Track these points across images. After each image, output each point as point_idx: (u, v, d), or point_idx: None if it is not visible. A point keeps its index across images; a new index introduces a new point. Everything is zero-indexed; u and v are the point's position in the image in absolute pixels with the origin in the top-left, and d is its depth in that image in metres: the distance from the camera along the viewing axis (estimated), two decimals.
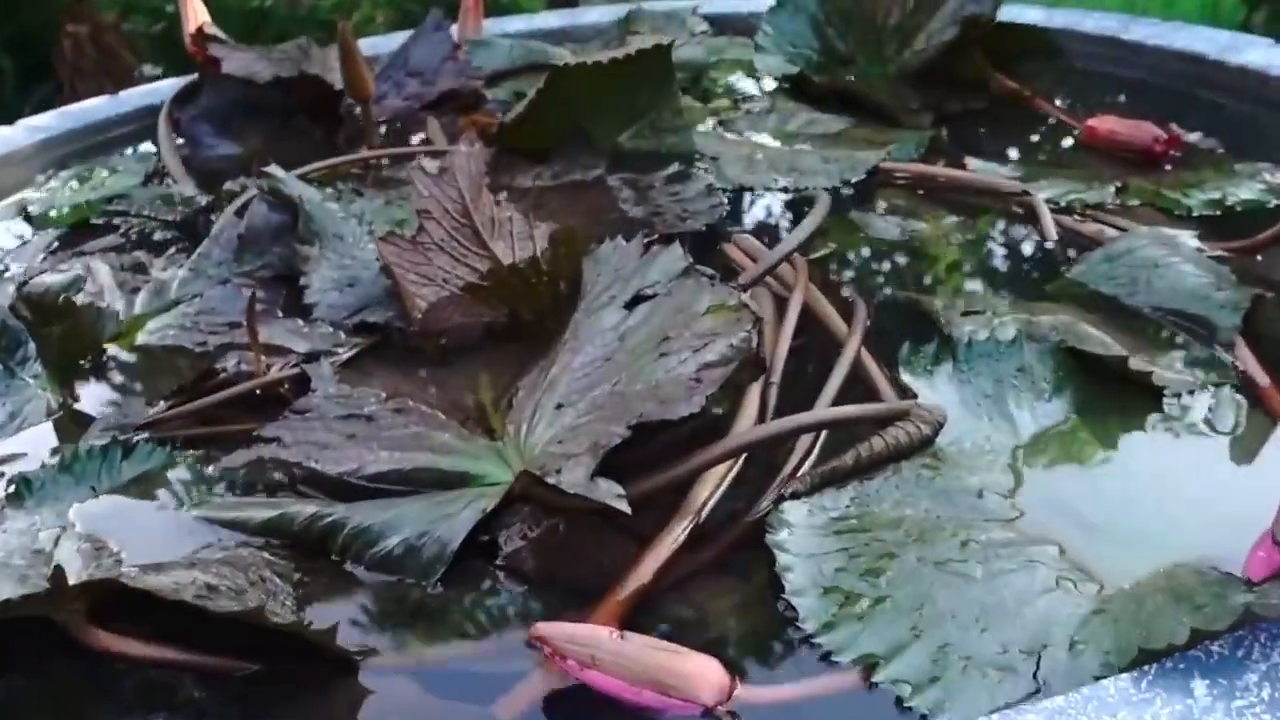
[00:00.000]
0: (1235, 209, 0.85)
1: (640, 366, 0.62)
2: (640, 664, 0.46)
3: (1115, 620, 0.47)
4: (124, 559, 0.56)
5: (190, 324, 0.83)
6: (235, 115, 1.27)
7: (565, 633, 0.47)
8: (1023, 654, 0.47)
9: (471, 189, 0.86)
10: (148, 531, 0.61)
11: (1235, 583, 0.47)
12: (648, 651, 0.46)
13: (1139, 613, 0.47)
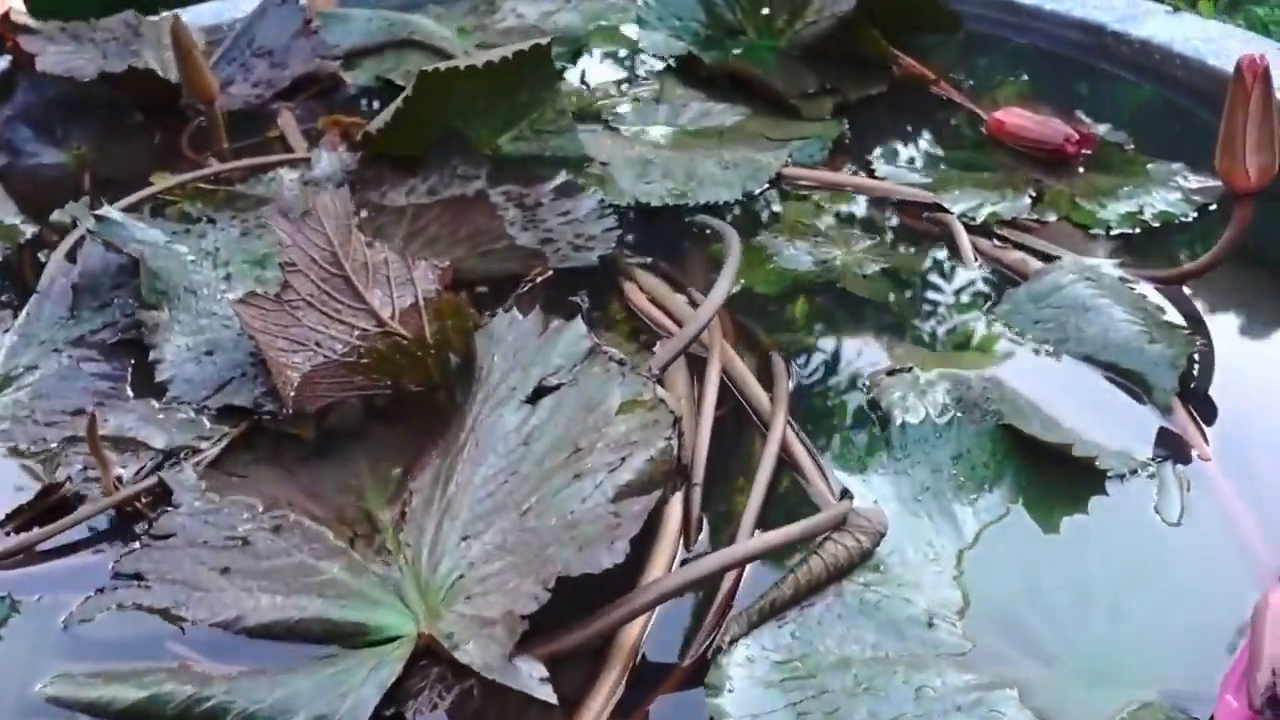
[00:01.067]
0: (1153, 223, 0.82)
1: (552, 489, 0.55)
2: None
3: None
4: None
5: (25, 414, 0.72)
6: (58, 115, 1.12)
7: None
8: None
9: (339, 232, 0.76)
10: None
11: None
12: None
13: None
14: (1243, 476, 0.61)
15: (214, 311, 0.79)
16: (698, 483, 0.60)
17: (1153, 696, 0.48)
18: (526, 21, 1.28)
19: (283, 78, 1.19)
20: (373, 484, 0.64)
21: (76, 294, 0.83)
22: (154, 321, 0.76)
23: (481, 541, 0.55)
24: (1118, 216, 0.82)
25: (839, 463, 0.60)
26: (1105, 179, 0.88)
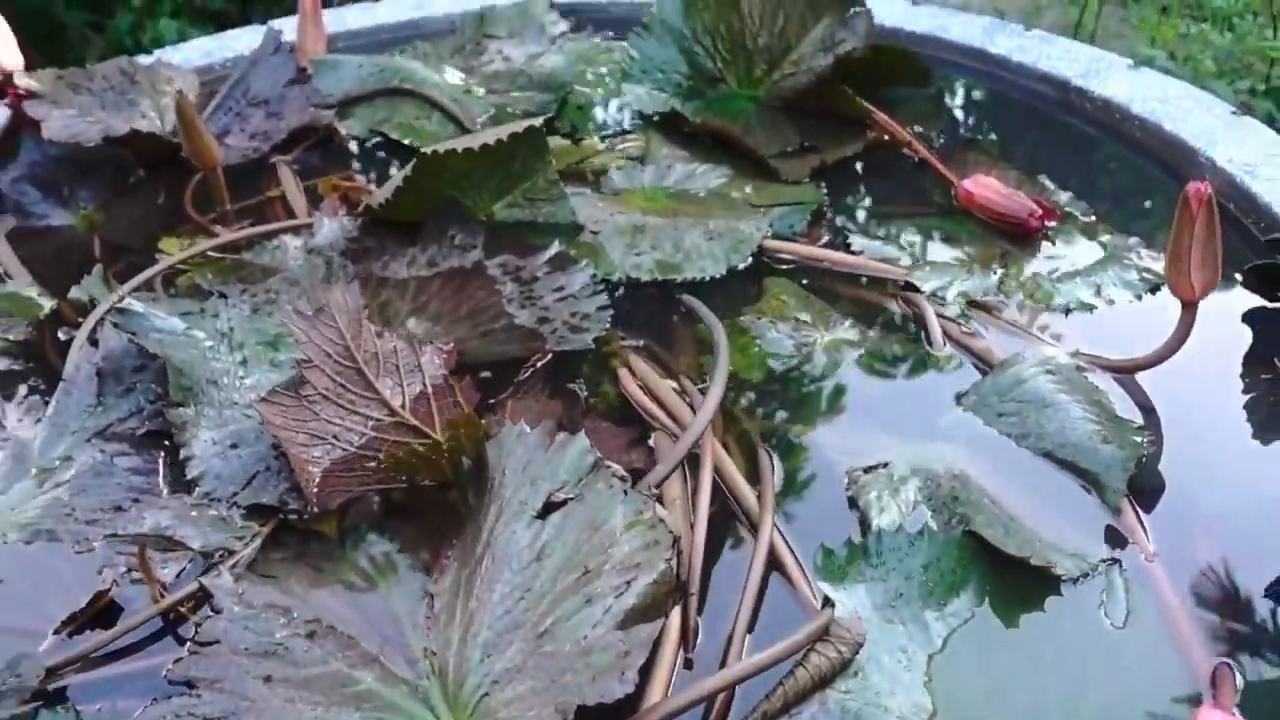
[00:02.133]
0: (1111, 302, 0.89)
1: (565, 612, 0.62)
2: None
3: None
4: None
5: (67, 512, 0.77)
6: (64, 174, 1.16)
7: None
8: None
9: (351, 326, 0.82)
10: None
11: None
12: None
13: None
14: (1184, 571, 0.68)
15: (235, 401, 0.84)
16: (694, 592, 0.66)
17: None
18: (514, 65, 1.32)
19: (279, 129, 1.23)
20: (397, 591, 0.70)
21: (101, 379, 0.88)
22: (182, 419, 0.81)
23: (503, 659, 0.61)
24: (1075, 300, 0.89)
25: (822, 570, 0.67)
26: (1066, 250, 0.94)
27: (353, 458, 0.76)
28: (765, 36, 1.20)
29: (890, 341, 0.87)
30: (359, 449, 0.76)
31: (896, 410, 0.81)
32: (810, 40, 1.18)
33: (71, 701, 0.64)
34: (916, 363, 0.85)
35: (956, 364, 0.84)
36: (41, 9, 2.89)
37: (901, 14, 1.31)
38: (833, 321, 0.89)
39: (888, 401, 0.82)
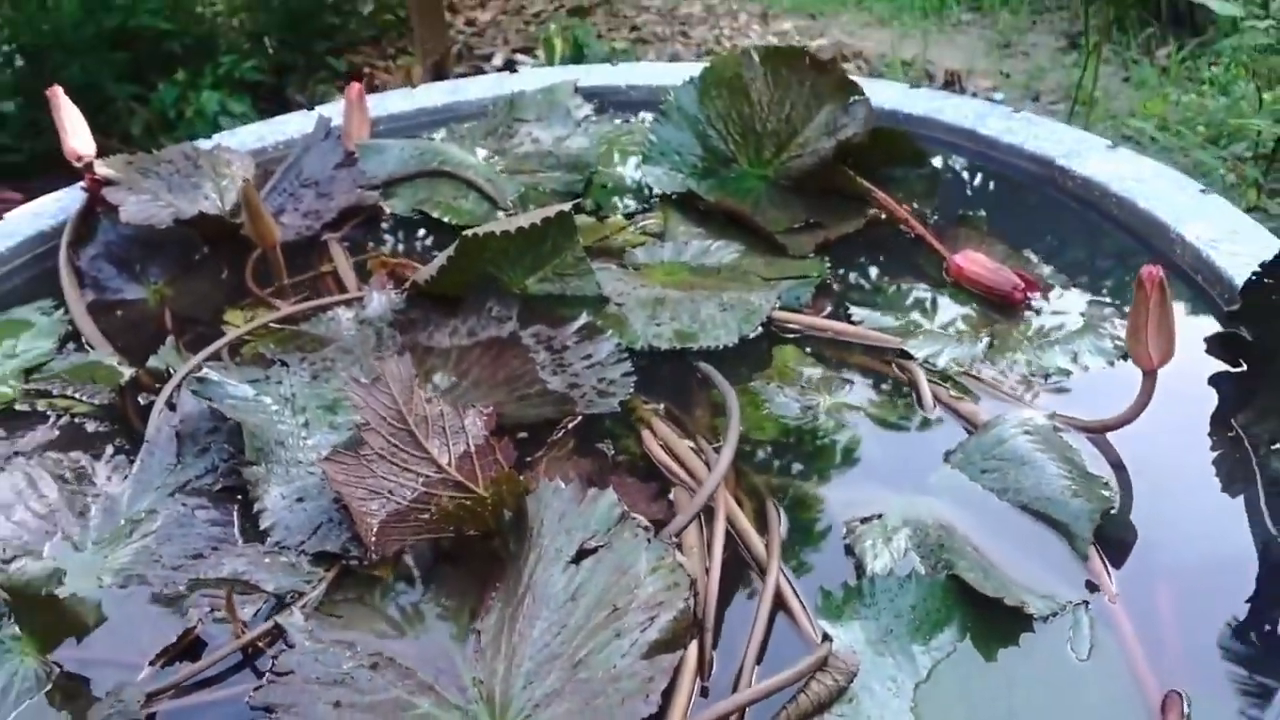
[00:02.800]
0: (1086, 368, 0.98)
1: (597, 645, 0.71)
2: None
3: None
4: None
5: (155, 559, 0.88)
6: (136, 253, 1.28)
7: None
8: None
9: (403, 393, 0.92)
10: None
11: None
12: None
13: None
14: (1144, 613, 0.76)
15: (299, 460, 0.94)
16: (709, 628, 0.75)
17: None
18: (542, 146, 1.44)
19: (329, 209, 1.34)
20: (448, 623, 0.79)
21: (179, 440, 0.98)
22: (255, 477, 0.91)
23: (543, 686, 0.71)
24: (1055, 366, 0.98)
25: (822, 609, 0.76)
26: (1047, 321, 1.04)
27: (406, 510, 0.86)
28: (773, 121, 1.31)
29: (886, 405, 0.97)
30: (412, 503, 0.86)
31: (891, 467, 0.91)
32: (814, 125, 1.29)
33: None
34: (909, 423, 0.95)
35: (945, 425, 0.94)
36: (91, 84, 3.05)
37: (900, 97, 1.42)
38: (835, 386, 0.99)
39: (883, 459, 0.92)
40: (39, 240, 1.32)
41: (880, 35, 3.85)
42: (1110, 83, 3.24)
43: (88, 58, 3.11)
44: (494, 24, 4.12)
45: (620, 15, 4.14)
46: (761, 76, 1.32)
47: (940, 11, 4.00)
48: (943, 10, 4.00)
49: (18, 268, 1.30)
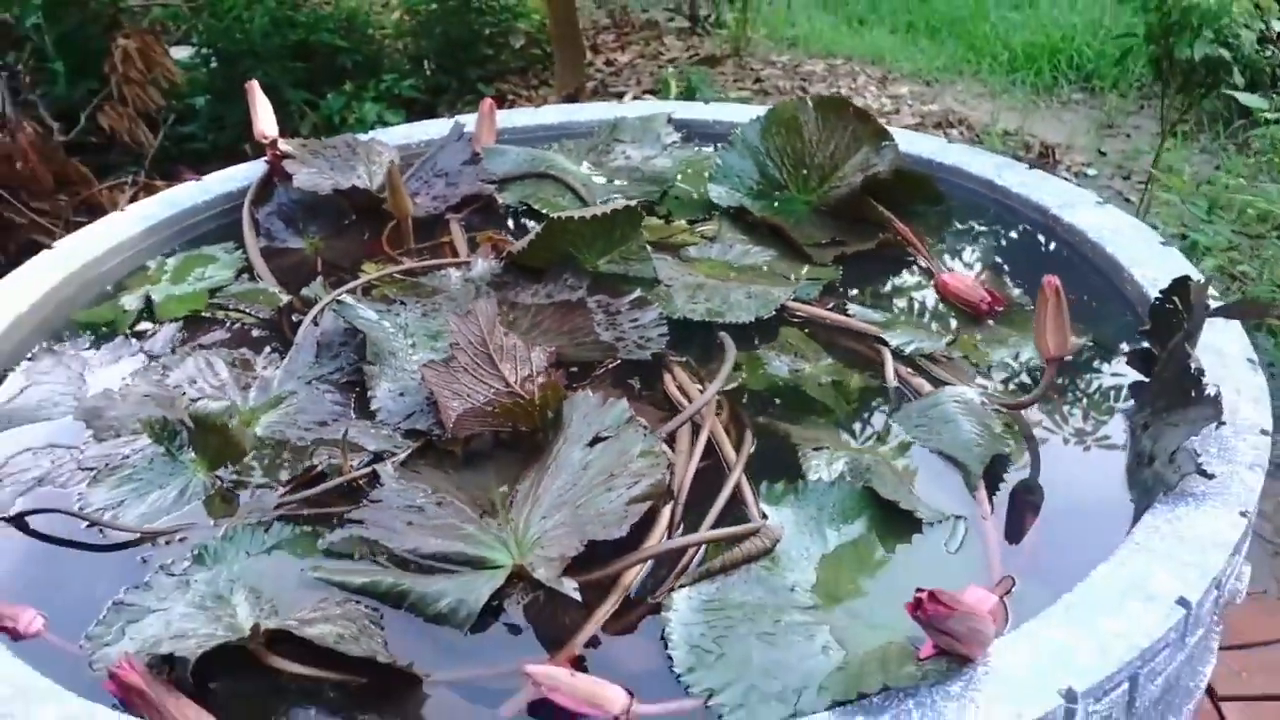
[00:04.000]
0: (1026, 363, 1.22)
1: (594, 496, 0.99)
2: (581, 690, 0.84)
3: (846, 674, 0.84)
4: (276, 607, 0.94)
5: (291, 421, 1.19)
6: (301, 214, 1.62)
7: (542, 670, 0.84)
8: (794, 691, 0.84)
9: (488, 326, 1.21)
10: (283, 585, 0.98)
11: (911, 658, 0.84)
12: (585, 682, 0.84)
13: (860, 671, 0.84)
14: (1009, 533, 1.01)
15: (404, 367, 1.25)
16: (681, 501, 1.03)
17: (902, 638, 0.88)
18: (632, 163, 1.74)
19: (454, 194, 1.66)
20: (494, 484, 1.08)
21: (319, 347, 1.30)
22: (371, 374, 1.22)
23: (552, 520, 0.99)
24: (999, 361, 1.23)
25: (767, 498, 1.02)
26: (1005, 329, 1.29)
27: (478, 409, 1.15)
28: (820, 157, 1.59)
29: (858, 375, 1.23)
30: (483, 404, 1.15)
31: (850, 419, 1.17)
32: (852, 163, 1.56)
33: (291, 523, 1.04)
34: (872, 390, 1.21)
35: (899, 393, 1.19)
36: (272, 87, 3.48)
37: (936, 148, 1.68)
38: (821, 358, 1.25)
39: (846, 413, 1.18)
40: (228, 198, 1.67)
41: (989, 106, 4.07)
42: (1203, 169, 3.39)
43: (271, 65, 3.56)
44: (630, 65, 4.48)
45: (747, 67, 4.45)
46: (814, 120, 1.60)
47: (1052, 89, 4.20)
48: (1054, 88, 4.20)
49: (210, 217, 1.65)
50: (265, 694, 0.88)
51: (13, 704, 0.83)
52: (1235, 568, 0.95)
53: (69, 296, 1.46)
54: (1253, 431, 1.04)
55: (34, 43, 3.41)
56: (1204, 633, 0.92)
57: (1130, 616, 0.85)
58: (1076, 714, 0.80)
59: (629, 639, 0.93)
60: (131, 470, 1.13)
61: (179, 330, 1.39)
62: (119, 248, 1.55)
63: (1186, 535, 0.92)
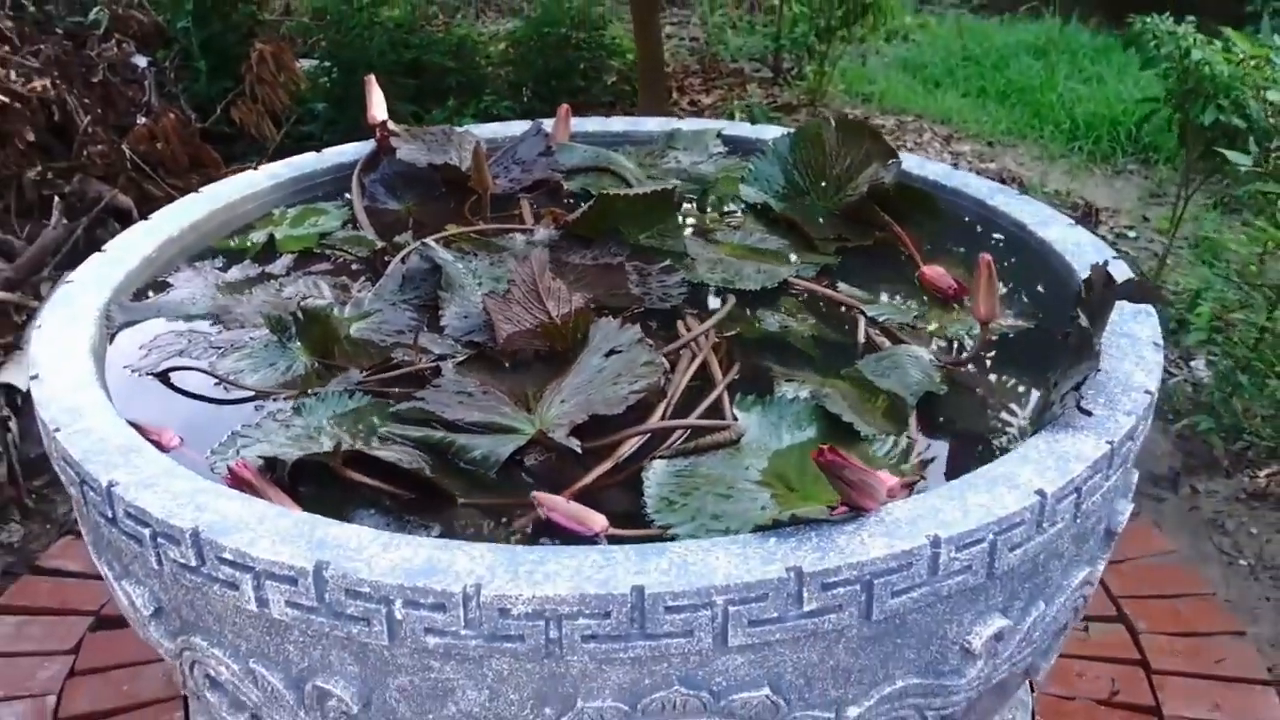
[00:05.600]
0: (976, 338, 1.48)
1: (603, 388, 1.28)
2: (572, 513, 1.11)
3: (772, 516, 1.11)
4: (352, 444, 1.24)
5: (376, 328, 1.50)
6: (400, 183, 1.95)
7: (545, 496, 1.12)
8: (732, 530, 1.11)
9: (540, 270, 1.51)
10: (359, 433, 1.28)
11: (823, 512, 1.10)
12: (576, 508, 1.12)
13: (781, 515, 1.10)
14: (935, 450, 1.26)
15: (470, 299, 1.55)
16: (673, 402, 1.30)
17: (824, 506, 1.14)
18: (680, 166, 2.03)
19: (528, 179, 1.97)
20: (530, 385, 1.37)
21: (404, 280, 1.61)
22: (444, 299, 1.53)
23: (568, 405, 1.28)
24: (954, 334, 1.49)
25: (739, 406, 1.30)
26: (966, 314, 1.54)
27: (525, 331, 1.44)
28: (838, 169, 1.86)
29: (834, 334, 1.50)
30: (528, 328, 1.45)
31: (823, 363, 1.43)
32: (864, 176, 1.83)
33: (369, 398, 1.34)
34: (844, 345, 1.47)
35: (867, 348, 1.46)
36: None
37: (943, 171, 1.95)
38: (807, 319, 1.52)
39: (819, 359, 1.44)
40: (340, 168, 2.01)
41: (1045, 169, 4.30)
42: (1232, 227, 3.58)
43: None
44: (712, 107, 4.80)
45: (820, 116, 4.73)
46: (835, 138, 1.88)
47: (1109, 158, 4.41)
48: (1110, 156, 4.41)
49: (326, 180, 1.99)
50: (338, 499, 1.18)
51: (161, 478, 1.13)
52: (1100, 486, 1.19)
53: (209, 230, 1.79)
54: (1137, 390, 1.28)
55: (181, 44, 3.85)
56: (1064, 529, 1.16)
57: (995, 496, 1.10)
58: (941, 556, 1.05)
59: (616, 490, 1.20)
60: (250, 350, 1.44)
61: (293, 260, 1.71)
62: (251, 196, 1.89)
63: (1058, 451, 1.17)
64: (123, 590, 1.23)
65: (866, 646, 1.08)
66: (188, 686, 1.25)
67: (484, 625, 1.00)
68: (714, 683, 1.05)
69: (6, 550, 2.16)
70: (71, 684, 1.80)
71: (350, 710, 1.08)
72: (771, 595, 1.01)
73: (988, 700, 1.28)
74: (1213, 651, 1.88)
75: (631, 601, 0.99)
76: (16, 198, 2.93)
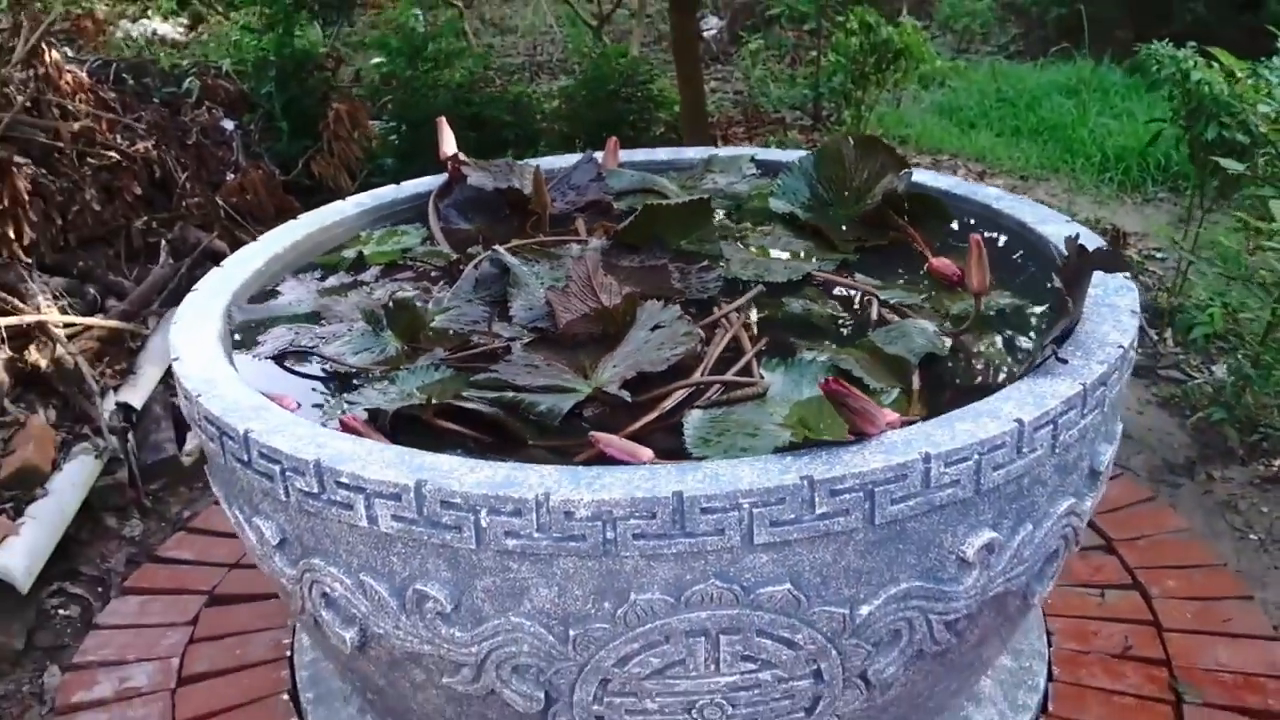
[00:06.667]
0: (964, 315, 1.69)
1: (648, 353, 1.51)
2: (625, 449, 1.34)
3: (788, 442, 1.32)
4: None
5: (455, 320, 1.75)
6: (470, 207, 2.21)
7: (600, 434, 1.35)
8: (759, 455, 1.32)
9: (593, 268, 1.75)
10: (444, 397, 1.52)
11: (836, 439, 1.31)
12: (627, 444, 1.34)
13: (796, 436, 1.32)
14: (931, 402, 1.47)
15: (534, 294, 1.79)
16: (709, 367, 1.53)
17: None
18: (717, 186, 2.27)
19: (581, 200, 2.23)
20: (586, 359, 1.60)
21: (477, 283, 1.86)
22: (511, 294, 1.77)
23: (620, 368, 1.51)
24: (957, 311, 1.70)
25: (766, 367, 1.52)
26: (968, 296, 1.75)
27: (580, 318, 1.68)
28: (857, 182, 2.09)
29: (850, 313, 1.72)
30: (582, 314, 1.68)
31: (841, 336, 1.65)
32: (880, 187, 2.06)
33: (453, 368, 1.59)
34: (859, 322, 1.69)
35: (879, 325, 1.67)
36: None
37: (953, 183, 2.17)
38: (827, 304, 1.75)
39: (839, 334, 1.66)
40: (417, 197, 2.28)
41: (1075, 199, 4.49)
42: None
43: None
44: None
45: None
46: (854, 154, 2.11)
47: (1139, 187, 4.59)
48: (1140, 185, 4.58)
49: (405, 208, 2.26)
50: (428, 443, 1.41)
51: (287, 426, 1.38)
52: (1076, 422, 1.39)
53: (307, 249, 2.07)
54: (1111, 345, 1.48)
55: (265, 108, 4.21)
56: (1043, 456, 1.36)
57: (979, 424, 1.31)
58: (932, 470, 1.26)
59: (660, 435, 1.42)
60: (349, 338, 1.70)
61: (380, 270, 1.98)
62: (340, 222, 2.16)
63: (1036, 391, 1.38)
64: (252, 528, 1.47)
65: (873, 550, 1.29)
66: (305, 610, 1.48)
67: (552, 528, 1.23)
68: (744, 578, 1.26)
69: (129, 543, 2.42)
70: (191, 649, 2.04)
71: (444, 610, 1.31)
72: (789, 499, 1.22)
73: (989, 617, 1.47)
74: (1221, 613, 2.04)
75: (673, 505, 1.21)
76: (125, 244, 3.26)
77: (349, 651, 1.45)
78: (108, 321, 2.85)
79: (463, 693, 1.39)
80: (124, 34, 5.98)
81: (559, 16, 7.76)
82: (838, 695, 1.39)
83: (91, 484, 2.43)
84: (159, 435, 2.65)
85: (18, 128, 3.09)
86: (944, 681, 1.53)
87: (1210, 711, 1.81)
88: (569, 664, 1.32)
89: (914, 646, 1.37)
